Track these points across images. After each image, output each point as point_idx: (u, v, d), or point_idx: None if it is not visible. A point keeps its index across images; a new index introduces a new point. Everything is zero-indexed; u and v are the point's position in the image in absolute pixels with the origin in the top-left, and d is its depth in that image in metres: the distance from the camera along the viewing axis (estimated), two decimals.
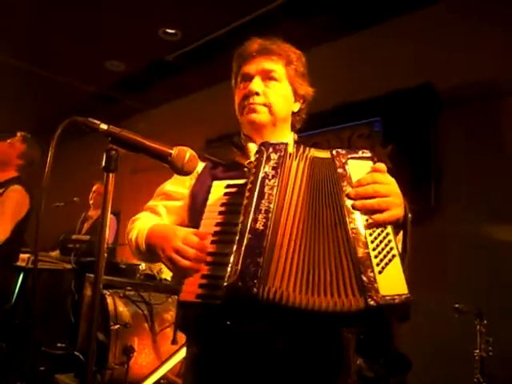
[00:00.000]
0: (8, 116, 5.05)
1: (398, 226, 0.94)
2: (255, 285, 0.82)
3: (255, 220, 0.88)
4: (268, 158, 0.96)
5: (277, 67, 1.16)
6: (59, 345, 2.97)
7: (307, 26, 3.51)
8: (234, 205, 0.96)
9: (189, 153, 0.94)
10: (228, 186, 1.00)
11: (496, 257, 2.51)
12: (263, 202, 0.90)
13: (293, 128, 1.26)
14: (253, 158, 1.00)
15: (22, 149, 3.08)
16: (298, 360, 0.99)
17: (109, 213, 0.90)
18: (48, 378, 2.89)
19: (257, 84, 1.15)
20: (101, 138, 0.90)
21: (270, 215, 0.89)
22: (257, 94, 1.14)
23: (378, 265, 0.87)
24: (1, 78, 4.57)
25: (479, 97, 2.84)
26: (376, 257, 0.87)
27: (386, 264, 0.87)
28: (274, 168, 0.95)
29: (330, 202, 0.93)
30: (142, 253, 1.10)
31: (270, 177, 0.94)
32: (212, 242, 0.93)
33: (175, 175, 1.24)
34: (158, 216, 1.21)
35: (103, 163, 0.88)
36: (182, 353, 2.57)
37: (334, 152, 0.99)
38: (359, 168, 0.96)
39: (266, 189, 0.92)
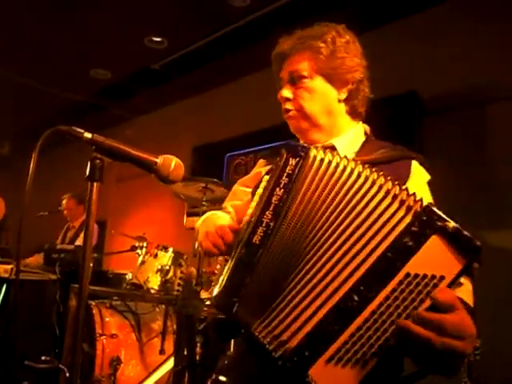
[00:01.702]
0: None
1: None
2: (234, 304, 0.79)
3: (253, 233, 0.81)
4: (286, 163, 0.83)
5: (301, 64, 1.07)
6: (44, 358, 2.90)
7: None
8: None
9: (174, 161, 0.93)
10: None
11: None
12: (267, 213, 0.82)
13: (355, 115, 1.13)
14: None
15: None
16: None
17: (93, 223, 0.89)
18: None
19: (285, 90, 1.09)
20: (86, 147, 0.89)
21: (269, 230, 0.81)
22: (287, 99, 1.09)
23: (337, 351, 0.71)
24: None
25: (463, 104, 2.90)
26: (345, 343, 0.71)
27: (347, 362, 0.70)
28: (288, 175, 0.82)
29: (353, 242, 0.77)
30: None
31: (282, 185, 0.82)
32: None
33: (249, 174, 1.24)
34: (227, 214, 1.21)
35: (87, 172, 0.87)
36: (170, 363, 2.53)
37: (425, 205, 0.73)
38: (438, 253, 0.70)
39: (274, 199, 0.82)
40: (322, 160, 0.83)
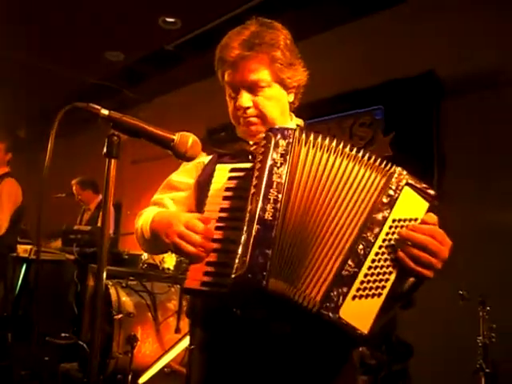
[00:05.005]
0: (10, 108, 5.05)
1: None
2: (264, 277, 0.82)
3: (263, 210, 0.86)
4: (276, 145, 0.91)
5: (261, 74, 1.09)
6: (63, 334, 2.99)
7: (308, 14, 3.48)
8: (239, 189, 0.94)
9: (191, 138, 0.93)
10: (233, 170, 0.97)
11: (499, 243, 2.50)
12: (271, 191, 0.87)
13: (292, 109, 1.22)
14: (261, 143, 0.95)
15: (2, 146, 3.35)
16: (301, 347, 0.99)
17: (111, 201, 0.89)
18: (53, 367, 2.92)
19: (245, 99, 1.10)
20: (101, 129, 0.89)
21: (279, 205, 0.86)
22: (247, 107, 1.11)
23: (358, 290, 0.85)
24: (1, 71, 4.55)
25: (482, 85, 2.81)
26: (362, 282, 0.85)
27: (367, 296, 0.85)
28: (282, 155, 0.90)
29: (351, 205, 0.90)
30: (148, 241, 1.09)
31: (279, 164, 0.90)
32: (217, 228, 0.92)
33: (181, 166, 1.24)
34: (165, 208, 1.19)
35: (105, 149, 0.87)
36: (186, 341, 2.58)
37: (396, 169, 0.91)
38: (410, 201, 0.90)
39: (275, 177, 0.89)
40: (306, 138, 0.93)
